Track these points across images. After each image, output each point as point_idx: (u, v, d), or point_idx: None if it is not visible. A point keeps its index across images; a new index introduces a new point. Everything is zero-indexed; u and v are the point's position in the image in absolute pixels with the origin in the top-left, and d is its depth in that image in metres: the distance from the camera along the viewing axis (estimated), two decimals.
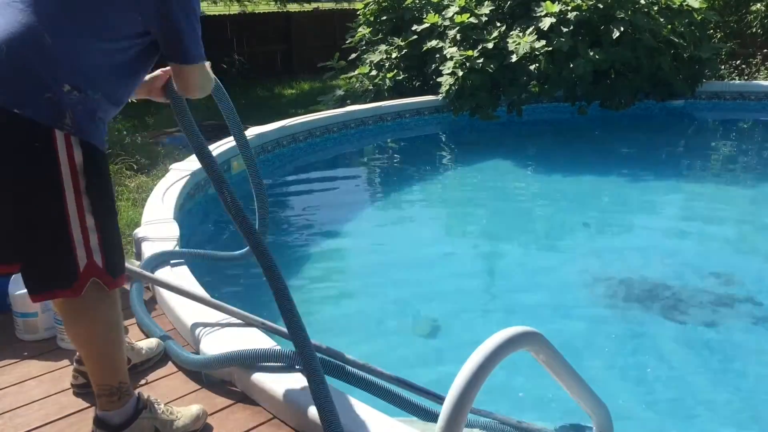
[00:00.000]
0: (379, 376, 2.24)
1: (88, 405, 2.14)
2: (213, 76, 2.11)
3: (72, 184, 1.66)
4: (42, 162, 1.64)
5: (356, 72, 8.95)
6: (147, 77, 2.04)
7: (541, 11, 7.68)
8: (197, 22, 1.84)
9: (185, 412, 2.00)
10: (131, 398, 1.89)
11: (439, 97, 7.81)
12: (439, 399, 2.19)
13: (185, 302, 2.60)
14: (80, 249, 1.69)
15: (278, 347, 2.25)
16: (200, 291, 2.64)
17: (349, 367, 2.20)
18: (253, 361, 2.18)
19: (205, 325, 2.45)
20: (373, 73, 8.70)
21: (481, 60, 7.55)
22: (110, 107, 1.80)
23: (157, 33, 1.79)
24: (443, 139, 7.93)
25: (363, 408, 1.98)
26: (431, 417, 2.14)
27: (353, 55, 9.61)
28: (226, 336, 2.36)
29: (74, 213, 1.67)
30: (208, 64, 1.99)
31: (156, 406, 1.95)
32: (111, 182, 1.83)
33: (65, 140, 1.64)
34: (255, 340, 2.33)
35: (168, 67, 2.02)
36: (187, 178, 4.43)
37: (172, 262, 2.95)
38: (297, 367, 2.15)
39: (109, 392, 1.85)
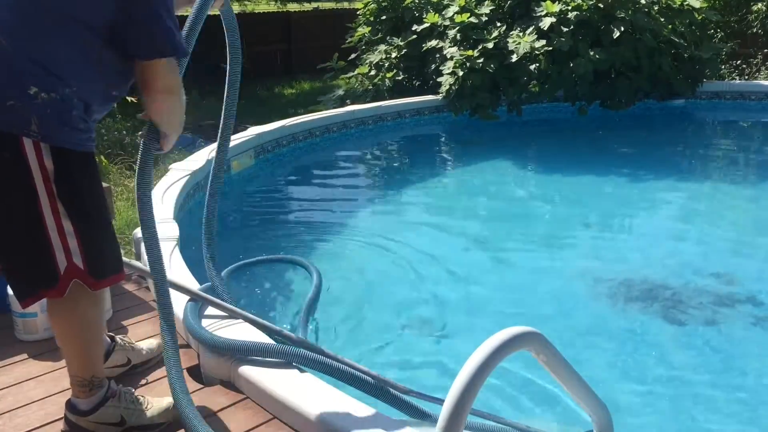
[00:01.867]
0: (375, 379, 2.23)
1: None
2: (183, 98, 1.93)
3: (45, 190, 1.66)
4: (14, 170, 1.64)
5: (356, 72, 8.96)
6: None
7: (542, 11, 7.68)
8: (168, 12, 1.73)
9: (156, 404, 2.04)
10: (102, 389, 1.94)
11: (439, 97, 7.80)
12: (437, 401, 2.19)
13: (184, 300, 2.60)
14: (59, 252, 1.71)
15: (275, 343, 2.25)
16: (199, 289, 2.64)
17: (351, 370, 2.20)
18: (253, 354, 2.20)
19: (206, 322, 2.45)
20: (373, 73, 8.70)
21: (481, 60, 7.55)
22: (92, 105, 1.75)
23: (122, 21, 1.67)
24: (443, 139, 7.92)
25: (362, 408, 1.97)
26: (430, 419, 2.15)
27: (353, 55, 9.61)
28: (225, 334, 2.35)
29: (50, 218, 1.68)
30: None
31: (127, 396, 1.99)
32: (96, 182, 1.81)
33: (34, 147, 1.63)
34: (254, 337, 2.32)
35: None
36: (187, 177, 4.43)
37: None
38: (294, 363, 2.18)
39: (81, 383, 1.91)
